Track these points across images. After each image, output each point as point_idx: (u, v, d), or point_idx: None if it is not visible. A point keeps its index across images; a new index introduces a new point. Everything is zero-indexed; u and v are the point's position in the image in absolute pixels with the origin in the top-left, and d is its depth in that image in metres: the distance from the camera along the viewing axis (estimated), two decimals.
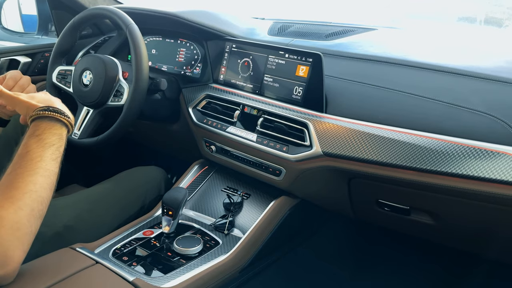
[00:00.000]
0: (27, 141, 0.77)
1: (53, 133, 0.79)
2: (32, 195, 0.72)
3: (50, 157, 0.77)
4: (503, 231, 0.93)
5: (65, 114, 0.82)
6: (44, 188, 0.74)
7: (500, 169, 0.78)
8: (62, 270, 0.81)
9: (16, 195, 0.70)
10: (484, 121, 0.83)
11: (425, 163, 0.85)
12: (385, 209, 1.04)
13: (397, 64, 1.03)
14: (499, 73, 0.90)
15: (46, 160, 0.76)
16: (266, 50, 1.14)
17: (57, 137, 0.80)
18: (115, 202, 1.13)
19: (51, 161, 0.77)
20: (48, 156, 0.77)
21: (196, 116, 1.25)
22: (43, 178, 0.74)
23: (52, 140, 0.79)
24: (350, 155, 0.94)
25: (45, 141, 0.77)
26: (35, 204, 0.72)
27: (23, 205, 0.70)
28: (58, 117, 0.80)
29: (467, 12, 1.76)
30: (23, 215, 0.69)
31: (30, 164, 0.74)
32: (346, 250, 1.54)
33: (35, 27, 1.95)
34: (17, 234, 0.68)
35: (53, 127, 0.80)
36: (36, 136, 0.77)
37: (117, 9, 1.18)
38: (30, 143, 0.76)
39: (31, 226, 0.71)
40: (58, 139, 0.80)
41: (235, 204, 1.15)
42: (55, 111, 0.80)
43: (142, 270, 0.92)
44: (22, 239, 0.69)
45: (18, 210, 0.69)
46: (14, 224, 0.68)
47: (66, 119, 0.82)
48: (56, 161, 0.78)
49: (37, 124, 0.79)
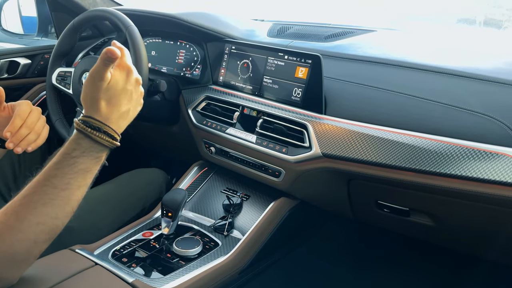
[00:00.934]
0: (59, 160, 0.64)
1: (93, 157, 0.66)
2: (39, 228, 0.62)
3: (78, 185, 0.64)
4: (502, 232, 0.93)
5: (114, 137, 0.67)
6: (57, 218, 0.65)
7: (498, 170, 0.78)
8: (62, 271, 0.81)
9: (19, 226, 0.61)
10: (482, 123, 0.83)
11: (424, 164, 0.85)
12: (384, 211, 1.04)
13: (397, 65, 1.03)
14: (498, 75, 0.91)
15: (73, 188, 0.64)
16: (265, 51, 1.14)
17: (96, 161, 0.67)
18: (116, 204, 1.13)
19: (78, 189, 0.65)
20: (76, 184, 0.64)
21: (196, 117, 1.25)
22: (60, 209, 0.64)
23: (89, 165, 0.66)
24: (349, 156, 0.94)
25: (79, 166, 0.64)
26: (40, 236, 0.63)
27: (24, 238, 0.62)
28: (104, 142, 0.66)
29: (466, 14, 1.76)
30: (21, 246, 0.62)
31: (51, 192, 0.63)
32: (346, 251, 1.54)
33: (35, 29, 1.95)
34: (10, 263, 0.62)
35: (95, 150, 0.66)
36: (72, 158, 0.64)
37: (116, 11, 1.18)
38: (62, 165, 0.64)
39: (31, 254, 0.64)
40: (96, 163, 0.67)
41: (235, 206, 1.15)
42: (105, 133, 0.66)
43: (142, 271, 0.92)
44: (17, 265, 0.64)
45: (16, 242, 0.61)
46: (8, 255, 0.61)
47: (113, 143, 0.67)
48: (86, 186, 0.66)
49: (78, 143, 0.65)
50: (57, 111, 1.29)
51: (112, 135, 0.67)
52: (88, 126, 0.65)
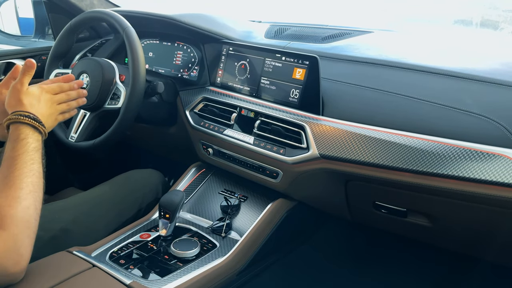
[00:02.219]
0: (14, 144, 0.80)
1: (36, 139, 0.83)
2: (34, 196, 0.76)
3: (38, 161, 0.81)
4: (498, 232, 0.93)
5: (42, 123, 0.85)
6: (40, 188, 0.79)
7: (495, 171, 0.78)
8: (59, 273, 0.81)
9: (21, 195, 0.74)
10: (479, 123, 0.83)
11: (421, 165, 0.85)
12: (382, 211, 1.04)
13: (393, 66, 1.03)
14: (494, 76, 0.91)
15: (37, 162, 0.80)
16: (263, 53, 1.14)
17: (39, 143, 0.84)
18: (112, 206, 1.12)
19: (39, 163, 0.81)
20: (37, 159, 0.81)
21: (193, 119, 1.25)
22: (38, 180, 0.79)
23: (36, 145, 0.82)
24: (346, 157, 0.94)
25: (32, 145, 0.81)
26: (37, 204, 0.77)
27: (29, 204, 0.75)
28: (38, 126, 0.84)
29: (463, 15, 1.77)
30: (30, 213, 0.74)
31: (25, 166, 0.78)
32: (344, 252, 1.54)
33: (32, 30, 1.95)
34: (27, 232, 0.73)
35: (35, 134, 0.83)
36: (22, 140, 0.80)
37: (114, 12, 1.18)
38: (18, 147, 0.79)
39: (36, 224, 0.76)
40: (39, 144, 0.84)
41: (232, 207, 1.15)
42: (35, 119, 0.84)
43: (139, 273, 0.92)
44: (31, 236, 0.74)
45: (26, 209, 0.73)
46: (25, 223, 0.73)
47: (43, 129, 0.85)
48: (41, 164, 0.82)
49: (19, 129, 0.82)
50: None
51: (41, 121, 0.85)
52: (22, 115, 0.83)
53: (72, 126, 1.21)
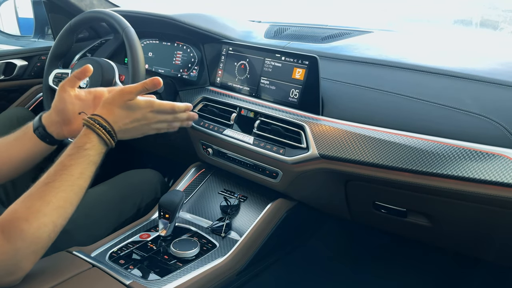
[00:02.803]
0: (74, 152, 0.75)
1: (100, 152, 0.77)
2: (60, 212, 0.71)
3: (89, 175, 0.76)
4: (499, 233, 0.93)
5: (114, 137, 0.79)
6: (73, 205, 0.74)
7: (495, 171, 0.78)
8: (59, 273, 0.81)
9: (44, 210, 0.69)
10: (479, 123, 0.83)
11: (421, 165, 0.85)
12: (382, 211, 1.04)
13: (393, 66, 1.03)
14: (494, 76, 0.91)
15: (85, 177, 0.75)
16: (262, 53, 1.14)
17: (100, 156, 0.78)
18: (111, 205, 1.12)
19: (88, 178, 0.76)
20: (87, 174, 0.75)
21: None
22: (75, 196, 0.74)
23: (97, 158, 0.77)
24: (346, 157, 0.94)
25: (90, 158, 0.75)
26: (60, 221, 0.72)
27: (49, 222, 0.70)
28: (107, 140, 0.78)
29: (462, 15, 1.77)
30: (45, 231, 0.69)
31: (69, 179, 0.73)
32: (344, 252, 1.54)
33: (31, 30, 1.95)
34: (34, 248, 0.69)
35: (101, 146, 0.78)
36: (85, 150, 0.75)
37: (113, 12, 1.18)
38: (77, 156, 0.74)
39: (50, 239, 0.71)
40: (100, 157, 0.78)
41: (232, 207, 1.15)
42: (108, 132, 0.78)
43: (139, 273, 0.92)
44: (37, 252, 0.70)
45: (42, 226, 0.69)
46: (35, 239, 0.68)
47: (112, 143, 0.79)
48: (90, 179, 0.77)
49: (89, 137, 0.76)
50: None
51: (112, 136, 0.79)
52: (95, 122, 0.77)
53: None
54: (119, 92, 0.80)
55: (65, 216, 0.73)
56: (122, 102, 0.79)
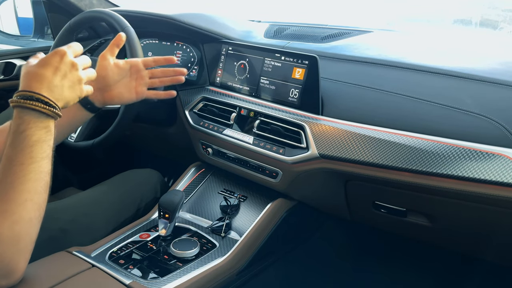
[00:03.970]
0: (13, 140, 0.67)
1: (40, 127, 0.68)
2: (28, 205, 0.66)
3: (41, 156, 0.68)
4: (499, 233, 0.93)
5: (50, 104, 0.68)
6: (39, 192, 0.68)
7: (495, 171, 0.78)
8: (58, 273, 0.81)
9: (9, 208, 0.65)
10: (479, 123, 0.83)
11: (420, 165, 0.85)
12: (381, 211, 1.04)
13: (393, 66, 1.03)
14: (494, 75, 0.91)
15: (37, 160, 0.67)
16: (262, 52, 1.14)
17: (46, 131, 0.69)
18: (111, 205, 1.12)
19: (42, 160, 0.68)
20: (38, 155, 0.67)
21: (193, 118, 1.25)
22: (36, 183, 0.68)
23: (40, 135, 0.68)
24: (346, 157, 0.94)
25: (32, 138, 0.67)
26: (32, 213, 0.67)
27: (19, 218, 0.65)
28: (42, 109, 0.67)
29: (462, 15, 1.77)
30: (20, 228, 0.66)
31: (21, 169, 0.66)
32: (344, 252, 1.54)
33: (31, 30, 1.95)
34: (16, 248, 0.66)
35: (39, 120, 0.68)
36: (21, 133, 0.66)
37: (113, 12, 1.18)
38: (17, 143, 0.67)
39: (31, 235, 0.68)
40: (46, 132, 0.69)
41: (232, 207, 1.15)
42: (39, 100, 0.67)
43: (139, 273, 0.92)
44: (22, 250, 0.67)
45: (14, 224, 0.65)
46: (12, 239, 0.65)
47: (52, 111, 0.68)
48: (48, 158, 0.70)
49: (20, 116, 0.67)
50: None
51: (47, 102, 0.68)
52: (21, 98, 0.67)
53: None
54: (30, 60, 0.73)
55: (37, 207, 0.68)
56: (35, 63, 0.71)
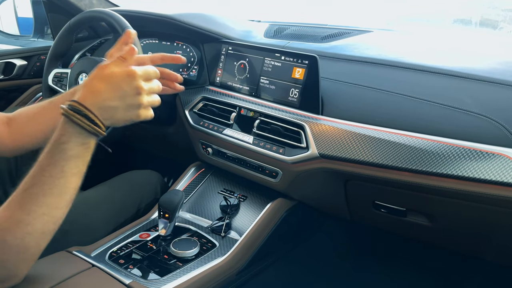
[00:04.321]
0: (50, 148, 0.65)
1: (80, 143, 0.65)
2: (44, 219, 0.65)
3: (72, 172, 0.66)
4: (499, 232, 0.93)
5: (96, 123, 0.65)
6: (59, 208, 0.67)
7: (495, 170, 0.78)
8: (58, 273, 0.81)
9: (26, 219, 0.63)
10: (479, 123, 0.83)
11: (420, 164, 0.85)
12: (381, 211, 1.04)
13: (393, 66, 1.03)
14: (494, 75, 0.91)
15: (68, 176, 0.65)
16: (262, 52, 1.14)
17: (84, 147, 0.66)
18: (111, 206, 1.12)
19: (72, 176, 0.66)
20: (71, 171, 0.65)
21: (193, 118, 1.25)
22: (60, 198, 0.66)
23: (78, 151, 0.65)
24: (346, 157, 0.94)
25: (69, 152, 0.64)
26: (47, 227, 0.66)
27: (32, 230, 0.64)
28: (87, 127, 0.65)
29: (462, 15, 1.77)
30: (31, 239, 0.64)
31: (49, 181, 0.64)
32: (343, 252, 1.54)
33: (31, 30, 1.95)
34: (22, 257, 0.65)
35: (81, 136, 0.65)
36: (61, 144, 0.64)
37: (113, 12, 1.18)
38: (53, 153, 0.64)
39: (40, 246, 0.67)
40: (84, 149, 0.66)
41: (232, 206, 1.15)
42: (86, 117, 0.64)
43: (139, 273, 0.92)
44: (28, 260, 0.67)
45: (26, 235, 0.63)
46: (21, 249, 0.64)
47: (96, 129, 0.65)
48: (79, 174, 0.67)
49: (65, 127, 0.65)
50: None
51: (93, 120, 0.65)
52: (70, 109, 0.64)
53: None
54: (101, 65, 0.67)
55: (53, 221, 0.66)
56: (101, 74, 0.66)
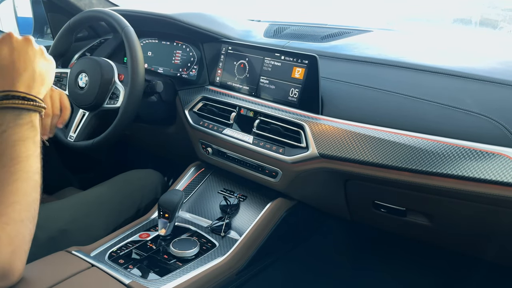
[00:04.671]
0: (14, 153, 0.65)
1: (21, 124, 0.65)
2: (16, 207, 0.64)
3: (25, 155, 0.65)
4: (499, 232, 0.93)
5: (30, 98, 0.66)
6: (27, 193, 0.66)
7: (495, 170, 0.78)
8: (58, 273, 0.80)
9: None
10: (479, 122, 0.83)
11: (420, 164, 0.85)
12: (381, 211, 1.04)
13: (393, 66, 1.03)
14: (494, 75, 0.91)
15: (22, 160, 0.65)
16: (262, 52, 1.14)
17: (28, 127, 0.66)
18: (111, 206, 1.12)
19: (27, 159, 0.65)
20: (22, 154, 0.65)
21: (193, 118, 1.24)
22: (25, 183, 0.65)
23: (22, 133, 0.65)
24: (346, 156, 0.94)
25: (13, 137, 0.65)
26: (23, 214, 0.65)
27: (9, 219, 0.63)
28: (21, 106, 0.65)
29: (462, 14, 1.77)
30: (12, 229, 0.64)
31: (5, 171, 0.64)
32: (343, 252, 1.54)
33: (30, 30, 1.94)
34: (10, 248, 0.64)
35: (19, 117, 0.65)
36: (2, 133, 0.64)
37: (112, 11, 1.18)
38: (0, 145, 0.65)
39: (24, 235, 0.66)
40: (29, 129, 0.66)
41: (232, 206, 1.15)
42: (17, 97, 0.65)
43: (139, 273, 0.92)
44: (17, 251, 0.65)
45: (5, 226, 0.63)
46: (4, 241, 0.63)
47: (33, 105, 0.66)
48: (34, 155, 0.67)
49: (0, 117, 0.65)
50: None
51: (25, 97, 0.66)
52: (9, 98, 0.65)
53: (71, 125, 1.20)
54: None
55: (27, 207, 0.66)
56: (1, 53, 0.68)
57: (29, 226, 0.67)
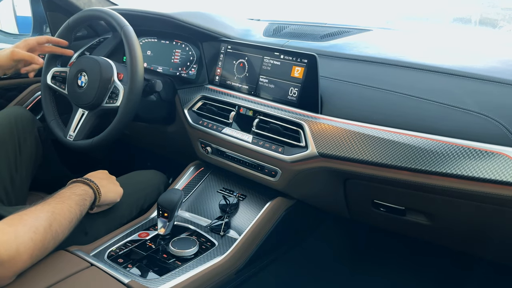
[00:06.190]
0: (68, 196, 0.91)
1: (89, 197, 0.96)
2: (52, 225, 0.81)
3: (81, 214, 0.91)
4: (498, 231, 0.93)
5: (99, 189, 0.99)
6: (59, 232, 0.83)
7: (494, 169, 0.78)
8: (57, 272, 0.81)
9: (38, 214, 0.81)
10: (478, 122, 0.83)
11: (420, 163, 0.85)
12: (380, 210, 1.04)
13: (392, 65, 1.03)
14: (493, 74, 0.91)
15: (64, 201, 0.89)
16: (261, 51, 1.14)
17: (90, 200, 0.96)
18: (114, 206, 1.12)
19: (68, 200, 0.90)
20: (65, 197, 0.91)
21: (192, 117, 1.24)
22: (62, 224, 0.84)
23: (86, 203, 0.94)
24: (345, 155, 0.94)
25: (83, 202, 0.93)
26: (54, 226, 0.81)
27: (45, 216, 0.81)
28: (93, 186, 0.98)
29: (461, 13, 1.77)
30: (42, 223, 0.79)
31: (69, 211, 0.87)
32: (342, 250, 1.54)
33: (29, 29, 1.94)
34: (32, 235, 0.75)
35: (91, 195, 0.97)
36: (78, 196, 0.93)
37: (111, 10, 1.18)
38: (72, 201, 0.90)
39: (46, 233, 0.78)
40: (89, 201, 0.96)
41: (231, 206, 1.15)
42: (92, 182, 0.99)
43: (138, 272, 0.92)
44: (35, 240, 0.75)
45: (38, 218, 0.79)
46: (32, 227, 0.76)
47: (98, 191, 0.98)
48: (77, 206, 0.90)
49: (78, 186, 0.97)
50: (52, 111, 1.28)
51: (98, 188, 0.99)
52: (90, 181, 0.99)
53: (70, 124, 1.20)
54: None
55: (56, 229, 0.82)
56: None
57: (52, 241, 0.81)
